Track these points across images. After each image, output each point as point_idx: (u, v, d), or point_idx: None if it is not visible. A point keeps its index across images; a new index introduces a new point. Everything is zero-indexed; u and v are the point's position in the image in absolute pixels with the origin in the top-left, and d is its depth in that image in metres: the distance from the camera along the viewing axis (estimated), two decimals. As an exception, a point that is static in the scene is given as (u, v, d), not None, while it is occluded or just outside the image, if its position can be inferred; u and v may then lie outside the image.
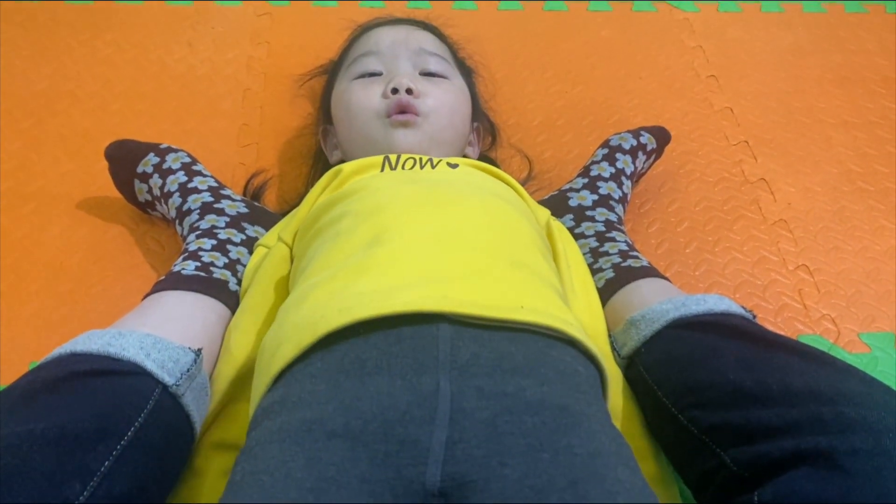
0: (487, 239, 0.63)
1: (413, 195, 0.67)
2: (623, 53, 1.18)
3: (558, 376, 0.53)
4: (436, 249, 0.60)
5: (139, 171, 0.85)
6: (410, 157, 0.74)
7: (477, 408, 0.49)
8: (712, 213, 0.96)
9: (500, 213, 0.68)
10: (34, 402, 0.53)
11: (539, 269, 0.64)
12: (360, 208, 0.67)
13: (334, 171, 0.76)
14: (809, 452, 0.50)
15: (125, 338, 0.60)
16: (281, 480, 0.46)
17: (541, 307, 0.57)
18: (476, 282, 0.57)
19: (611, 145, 0.92)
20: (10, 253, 0.86)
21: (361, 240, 0.63)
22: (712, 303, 0.67)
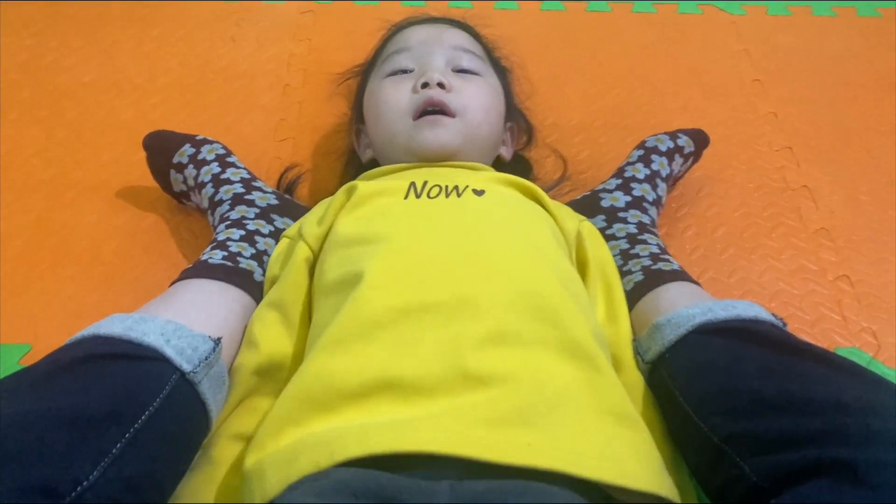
0: (516, 306, 0.61)
1: (437, 250, 0.65)
2: (665, 56, 1.16)
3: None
4: (461, 341, 0.58)
5: (175, 162, 0.87)
6: (435, 183, 0.73)
7: (471, 485, 0.50)
8: (751, 219, 0.94)
9: (527, 258, 0.66)
10: (52, 382, 0.54)
11: (565, 312, 0.62)
12: (379, 267, 0.64)
13: (347, 190, 0.75)
14: (831, 463, 0.48)
15: (147, 323, 0.61)
16: None
17: (552, 434, 0.54)
18: (496, 409, 0.55)
19: (647, 146, 0.90)
20: (49, 238, 0.89)
21: (379, 315, 0.61)
22: (741, 309, 0.65)
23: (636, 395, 0.66)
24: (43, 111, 1.03)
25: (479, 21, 0.95)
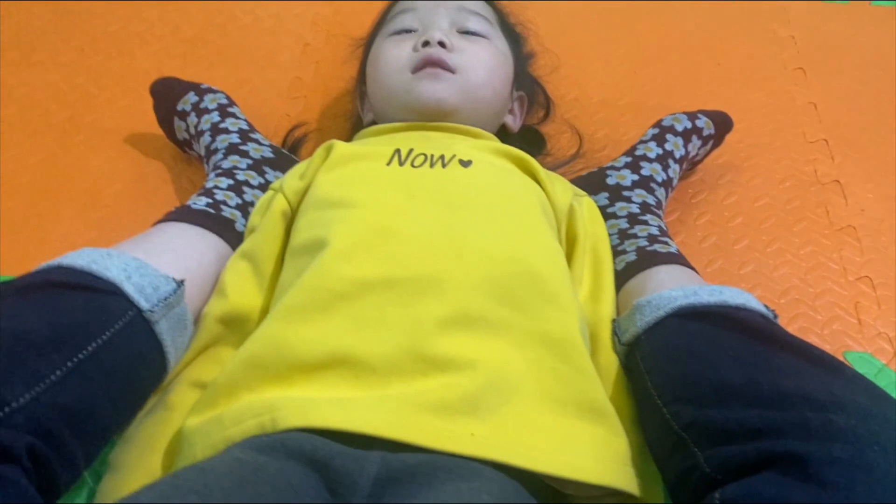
0: (486, 289, 0.59)
1: (410, 223, 0.63)
2: (704, 37, 1.10)
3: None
4: (420, 320, 0.56)
5: (178, 109, 0.86)
6: (421, 152, 0.70)
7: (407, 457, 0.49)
8: (772, 210, 0.88)
9: (505, 238, 0.63)
10: (1, 303, 0.54)
11: (541, 291, 0.60)
12: (347, 234, 0.63)
13: (326, 148, 0.73)
14: (784, 457, 0.44)
15: (111, 258, 0.60)
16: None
17: (493, 427, 0.52)
18: (442, 396, 0.53)
19: (662, 125, 0.85)
20: (54, 178, 0.89)
21: (340, 285, 0.59)
22: (728, 295, 0.60)
23: (609, 377, 0.63)
24: (66, 56, 1.04)
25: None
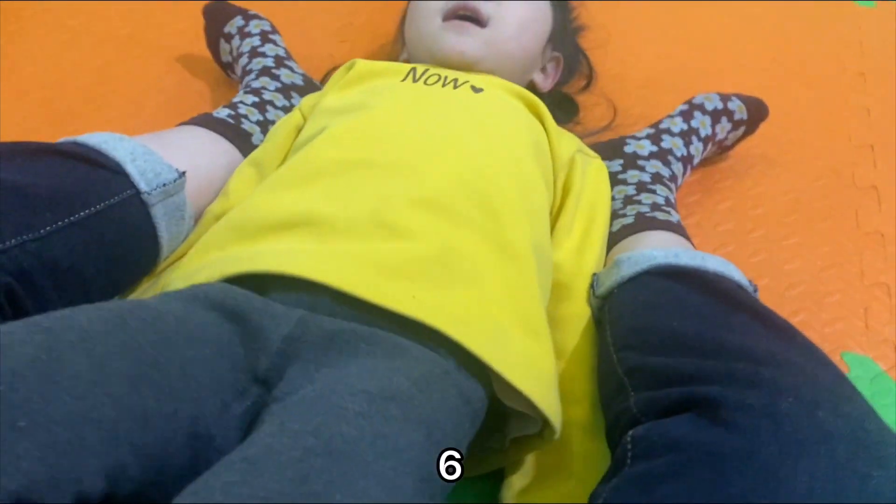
0: (461, 188, 0.59)
1: (406, 124, 0.64)
2: (764, 30, 1.07)
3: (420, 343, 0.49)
4: (384, 203, 0.56)
5: (225, 32, 0.90)
6: (436, 73, 0.71)
7: (325, 322, 0.48)
8: (798, 206, 0.86)
9: (492, 156, 0.63)
10: (12, 159, 0.57)
11: (504, 220, 0.58)
12: (346, 126, 0.65)
13: (347, 66, 0.75)
14: (701, 401, 0.44)
15: (121, 142, 0.64)
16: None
17: (436, 298, 0.51)
18: (390, 258, 0.53)
19: (693, 102, 0.84)
20: (106, 84, 0.95)
21: (324, 164, 0.61)
22: (711, 262, 0.59)
23: (577, 327, 0.62)
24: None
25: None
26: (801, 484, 0.38)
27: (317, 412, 0.39)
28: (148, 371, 0.41)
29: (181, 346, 0.44)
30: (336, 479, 0.35)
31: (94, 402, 0.38)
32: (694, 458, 0.41)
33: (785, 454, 0.39)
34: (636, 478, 0.43)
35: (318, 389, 0.42)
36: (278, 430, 0.38)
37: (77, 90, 0.94)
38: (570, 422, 0.58)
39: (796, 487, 0.38)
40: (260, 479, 0.34)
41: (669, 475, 0.41)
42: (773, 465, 0.39)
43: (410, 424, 0.41)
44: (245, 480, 0.34)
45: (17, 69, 0.96)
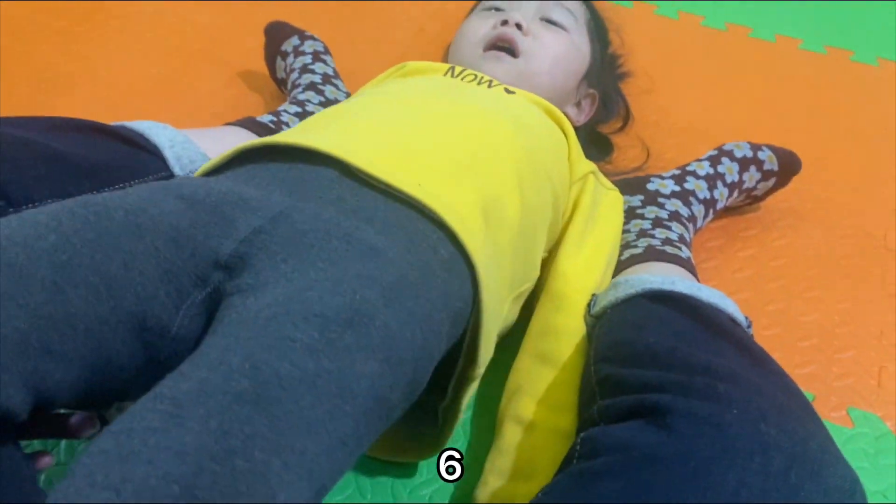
0: (462, 148, 0.61)
1: (434, 106, 0.67)
2: (811, 89, 1.08)
3: (405, 241, 0.50)
4: (402, 132, 0.60)
5: (282, 49, 0.96)
6: (473, 73, 0.75)
7: (301, 220, 0.48)
8: (822, 261, 0.85)
9: (505, 137, 0.65)
10: (57, 129, 0.63)
11: (494, 183, 0.60)
12: (370, 100, 0.68)
13: (400, 65, 0.79)
14: (651, 408, 0.45)
15: (163, 130, 0.69)
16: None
17: (440, 193, 0.54)
18: (402, 158, 0.56)
19: (722, 149, 0.85)
20: (170, 91, 1.02)
21: (342, 109, 0.64)
22: (706, 294, 0.60)
23: (569, 338, 0.64)
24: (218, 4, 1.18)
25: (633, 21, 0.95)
26: (729, 487, 0.39)
27: (262, 342, 0.39)
28: (77, 273, 0.42)
29: (125, 241, 0.44)
30: (260, 433, 0.34)
31: (4, 315, 0.39)
32: (632, 459, 0.42)
33: (719, 459, 0.40)
34: (576, 474, 0.44)
35: (273, 303, 0.42)
36: (218, 360, 0.38)
37: (143, 94, 1.01)
38: (553, 429, 0.59)
39: (724, 490, 0.38)
40: (180, 430, 0.33)
41: (606, 473, 0.42)
42: (706, 468, 0.39)
43: (365, 352, 0.40)
44: (166, 429, 0.33)
45: (93, 69, 1.04)
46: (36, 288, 0.41)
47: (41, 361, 0.40)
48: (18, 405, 0.39)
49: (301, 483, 0.35)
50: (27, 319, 0.40)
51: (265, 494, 0.33)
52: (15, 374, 0.39)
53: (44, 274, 0.41)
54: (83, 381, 0.41)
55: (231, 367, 0.37)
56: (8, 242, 0.41)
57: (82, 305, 0.42)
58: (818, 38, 1.18)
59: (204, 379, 0.36)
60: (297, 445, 0.36)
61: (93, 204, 0.46)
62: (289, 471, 0.34)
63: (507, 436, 0.61)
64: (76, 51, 1.07)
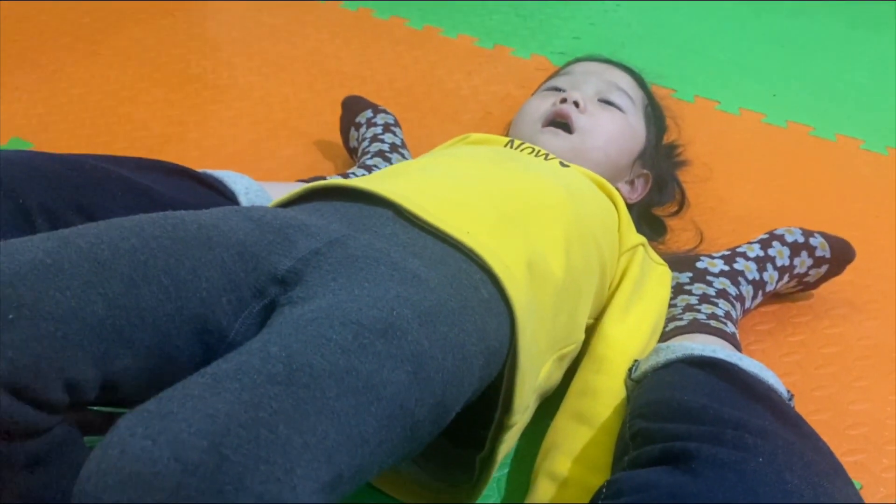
0: (512, 204, 0.65)
1: (491, 169, 0.71)
2: (873, 191, 1.08)
3: (448, 276, 0.53)
4: (456, 185, 0.64)
5: (356, 121, 1.03)
6: (531, 146, 0.79)
7: (355, 247, 0.53)
8: (876, 352, 0.84)
9: (556, 200, 0.68)
10: (146, 169, 0.70)
11: (540, 240, 0.63)
12: (433, 160, 0.74)
13: (464, 136, 0.84)
14: (679, 455, 0.45)
15: (241, 179, 0.76)
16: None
17: (487, 241, 0.57)
18: (453, 207, 0.61)
19: (774, 233, 0.86)
20: (249, 155, 1.10)
21: (404, 168, 0.70)
22: (747, 364, 0.61)
23: (609, 399, 0.65)
24: (306, 76, 1.28)
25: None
26: (748, 528, 0.39)
27: (300, 338, 0.43)
28: (152, 272, 0.47)
29: (196, 250, 0.49)
30: (286, 410, 0.38)
31: (85, 300, 0.43)
32: (654, 498, 0.43)
33: (739, 500, 0.40)
34: (598, 512, 0.45)
35: (316, 309, 0.46)
36: (259, 348, 0.42)
37: (229, 157, 1.09)
38: (587, 487, 0.59)
39: (742, 531, 0.39)
40: (216, 398, 0.37)
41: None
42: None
43: (394, 361, 0.43)
44: (202, 396, 0.37)
45: (184, 133, 1.13)
46: (115, 281, 0.45)
47: (112, 345, 0.44)
48: (89, 382, 0.43)
49: (319, 464, 0.37)
50: (104, 307, 0.44)
51: (283, 466, 0.36)
52: (89, 352, 0.43)
53: (123, 270, 0.46)
54: (145, 372, 0.45)
55: (269, 353, 0.41)
56: (97, 240, 0.47)
57: (153, 302, 0.46)
58: (879, 139, 1.19)
59: (243, 361, 0.40)
60: (319, 429, 0.38)
61: (172, 217, 0.52)
62: (308, 450, 0.37)
63: (540, 491, 0.62)
64: (171, 115, 1.17)
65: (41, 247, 0.45)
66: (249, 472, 0.35)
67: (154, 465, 0.34)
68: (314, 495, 0.37)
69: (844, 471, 0.47)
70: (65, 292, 0.43)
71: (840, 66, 1.41)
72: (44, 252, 0.44)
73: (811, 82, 1.35)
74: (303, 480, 0.36)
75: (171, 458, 0.34)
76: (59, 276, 0.44)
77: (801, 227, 0.87)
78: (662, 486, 0.43)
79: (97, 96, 1.20)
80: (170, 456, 0.34)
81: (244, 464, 0.35)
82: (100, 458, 0.35)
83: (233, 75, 1.27)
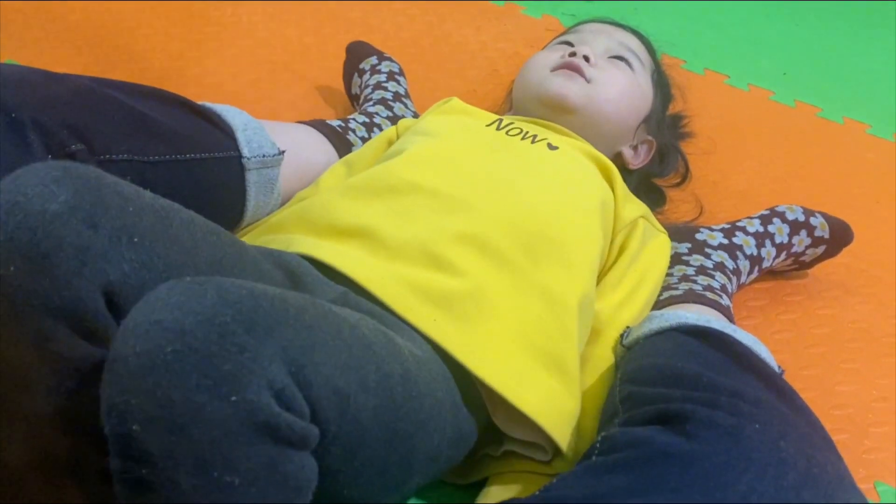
0: (511, 231, 0.64)
1: (478, 169, 0.70)
2: (876, 176, 1.08)
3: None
4: (434, 231, 0.63)
5: (360, 67, 1.01)
6: (520, 126, 0.76)
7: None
8: (866, 335, 0.84)
9: (551, 208, 0.68)
10: (146, 96, 0.68)
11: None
12: (423, 150, 0.72)
13: (445, 100, 0.82)
14: (674, 415, 0.45)
15: (239, 114, 0.74)
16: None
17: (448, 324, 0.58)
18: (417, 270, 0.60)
19: (775, 210, 0.85)
20: (249, 96, 1.07)
21: (394, 181, 0.68)
22: (741, 335, 0.60)
23: (595, 367, 0.65)
24: (313, 21, 1.25)
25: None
26: (739, 492, 0.39)
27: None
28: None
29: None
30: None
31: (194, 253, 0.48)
32: (647, 454, 0.42)
33: (733, 464, 0.40)
34: (591, 467, 0.44)
35: None
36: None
37: (228, 95, 1.07)
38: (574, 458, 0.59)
39: (734, 493, 0.39)
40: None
41: (620, 467, 0.43)
42: (719, 470, 0.40)
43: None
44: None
45: (184, 68, 1.11)
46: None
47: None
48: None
49: (333, 369, 0.44)
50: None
51: (305, 340, 0.42)
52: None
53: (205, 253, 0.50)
54: None
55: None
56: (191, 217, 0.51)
57: None
58: (886, 125, 1.18)
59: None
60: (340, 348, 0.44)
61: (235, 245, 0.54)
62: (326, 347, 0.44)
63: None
64: (171, 50, 1.14)
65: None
66: (279, 326, 0.41)
67: (199, 298, 0.39)
68: (324, 390, 0.42)
69: (835, 447, 0.47)
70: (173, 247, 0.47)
71: (853, 49, 1.39)
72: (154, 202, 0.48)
73: (823, 63, 1.33)
74: (319, 367, 0.42)
75: (215, 294, 0.39)
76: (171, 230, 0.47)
77: (803, 206, 0.86)
78: (657, 443, 0.42)
79: (96, 24, 1.17)
80: (214, 293, 0.39)
81: (276, 318, 0.41)
82: (150, 294, 0.40)
83: (236, 13, 1.24)
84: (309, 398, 0.41)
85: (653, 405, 0.48)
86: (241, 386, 0.38)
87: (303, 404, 0.41)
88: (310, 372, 0.41)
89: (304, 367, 0.41)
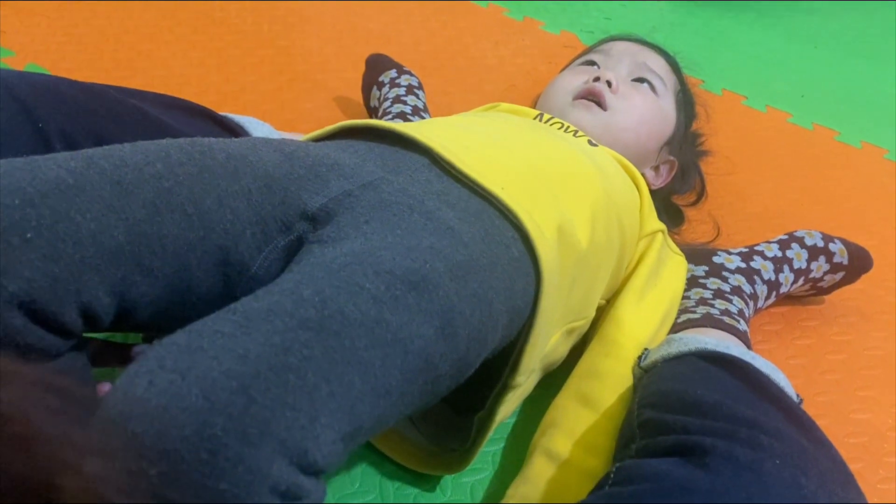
0: (546, 170, 0.64)
1: (524, 134, 0.70)
2: (890, 203, 1.07)
3: (481, 231, 0.52)
4: (492, 144, 0.63)
5: (379, 80, 1.01)
6: (560, 121, 0.78)
7: (389, 192, 0.52)
8: (883, 363, 0.83)
9: (586, 174, 0.68)
10: (169, 107, 0.68)
11: (570, 208, 0.62)
12: (479, 118, 0.72)
13: (493, 104, 0.83)
14: (692, 448, 0.45)
15: (261, 126, 0.75)
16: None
17: (521, 200, 0.57)
18: (490, 164, 0.60)
19: (794, 235, 0.85)
20: (269, 104, 1.08)
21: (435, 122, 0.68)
22: (760, 363, 0.60)
23: (614, 384, 0.64)
24: (331, 31, 1.26)
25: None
26: (760, 529, 0.38)
27: (333, 283, 0.42)
28: (176, 200, 0.45)
29: (223, 179, 0.48)
30: (315, 357, 0.37)
31: (105, 224, 0.42)
32: (665, 488, 0.42)
33: (753, 501, 0.40)
34: (605, 497, 0.44)
35: (349, 253, 0.45)
36: (291, 290, 0.41)
37: (247, 104, 1.08)
38: (583, 469, 0.59)
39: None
40: (246, 338, 0.36)
41: (637, 499, 0.42)
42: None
43: (423, 316, 0.43)
44: (233, 334, 0.36)
45: (205, 75, 1.11)
46: (137, 206, 0.44)
47: (130, 272, 0.43)
48: (104, 307, 0.42)
49: (342, 414, 0.37)
50: (125, 232, 0.43)
51: (309, 414, 0.35)
52: (106, 277, 0.42)
53: (146, 196, 0.45)
54: (162, 300, 0.44)
55: (302, 296, 0.40)
56: (120, 163, 0.45)
57: (174, 230, 0.45)
58: (905, 150, 1.17)
59: (276, 302, 0.39)
60: (346, 379, 0.38)
61: (199, 143, 0.50)
62: (333, 399, 0.36)
63: (536, 466, 0.61)
64: (192, 57, 1.15)
65: (65, 166, 0.43)
66: (276, 417, 0.34)
67: (182, 401, 0.33)
68: (334, 444, 0.36)
69: (856, 481, 0.46)
70: (85, 215, 0.42)
71: (871, 73, 1.39)
72: (67, 171, 0.43)
73: (841, 87, 1.33)
74: (325, 429, 0.36)
75: (200, 395, 0.33)
76: (80, 197, 0.42)
77: (822, 232, 0.86)
78: (675, 477, 0.42)
79: (118, 30, 1.18)
80: (198, 393, 0.33)
81: (271, 408, 0.34)
82: (127, 386, 0.34)
83: (257, 22, 1.25)
84: (316, 465, 0.37)
85: (671, 434, 0.48)
86: (241, 500, 0.33)
87: (312, 469, 0.37)
88: (314, 446, 0.36)
89: (307, 451, 0.35)
